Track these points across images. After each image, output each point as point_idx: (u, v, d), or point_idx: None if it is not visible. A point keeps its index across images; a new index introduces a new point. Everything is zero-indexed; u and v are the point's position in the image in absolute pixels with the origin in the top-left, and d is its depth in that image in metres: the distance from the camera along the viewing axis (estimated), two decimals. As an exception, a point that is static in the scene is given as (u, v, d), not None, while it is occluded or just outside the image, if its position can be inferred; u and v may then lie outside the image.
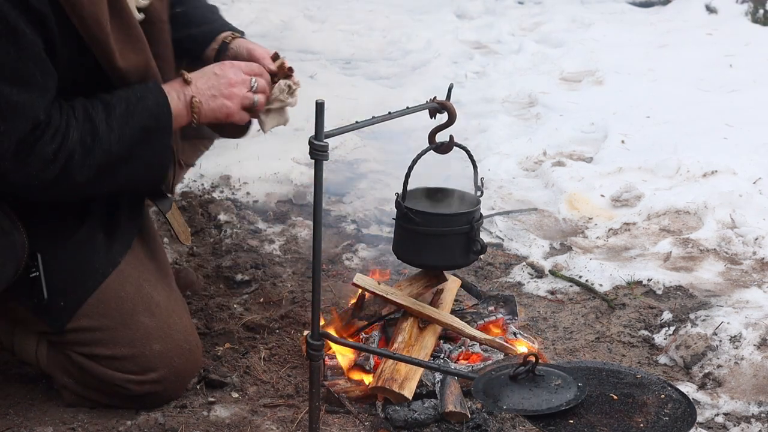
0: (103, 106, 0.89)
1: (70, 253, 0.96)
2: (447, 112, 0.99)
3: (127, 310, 0.99)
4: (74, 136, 0.85)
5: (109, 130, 0.87)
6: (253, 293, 1.34)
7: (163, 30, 0.99)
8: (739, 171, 1.77)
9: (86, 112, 0.87)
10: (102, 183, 0.89)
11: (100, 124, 0.87)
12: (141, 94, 0.91)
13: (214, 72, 0.95)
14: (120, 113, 0.88)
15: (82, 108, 0.88)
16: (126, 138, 0.88)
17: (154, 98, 0.91)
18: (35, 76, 0.83)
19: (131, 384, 0.99)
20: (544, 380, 0.87)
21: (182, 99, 0.93)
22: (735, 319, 1.25)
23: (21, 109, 0.82)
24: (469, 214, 1.07)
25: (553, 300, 1.36)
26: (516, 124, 2.21)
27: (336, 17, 3.40)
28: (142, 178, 0.93)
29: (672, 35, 3.09)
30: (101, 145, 0.87)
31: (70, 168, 0.86)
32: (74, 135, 0.85)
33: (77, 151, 0.85)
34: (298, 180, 1.74)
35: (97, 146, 0.86)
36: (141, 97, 0.90)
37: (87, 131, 0.86)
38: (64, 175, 0.86)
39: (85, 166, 0.86)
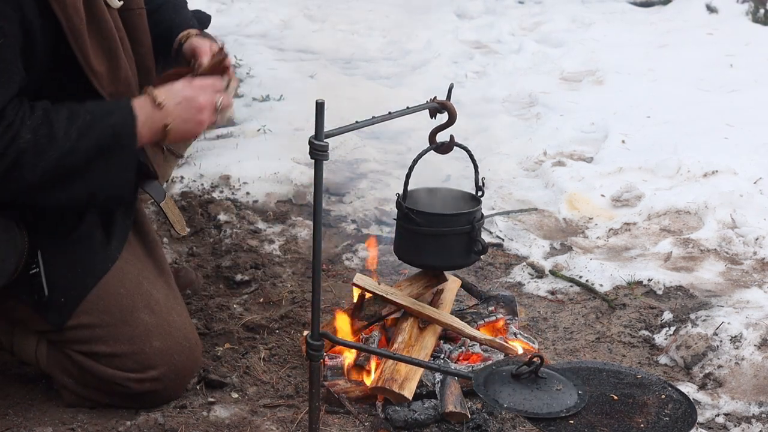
0: (67, 114, 0.87)
1: (70, 249, 0.96)
2: (447, 111, 0.99)
3: (126, 306, 0.98)
4: (26, 135, 0.83)
5: (66, 138, 0.85)
6: (253, 293, 1.34)
7: (141, 16, 0.98)
8: (739, 171, 1.77)
9: (46, 115, 0.86)
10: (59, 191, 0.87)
11: (59, 130, 0.85)
12: (109, 109, 0.89)
13: (185, 96, 0.93)
14: (81, 124, 0.86)
15: (43, 110, 0.86)
16: (81, 150, 0.86)
17: (121, 117, 0.89)
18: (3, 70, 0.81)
19: (131, 382, 0.99)
20: (546, 383, 0.87)
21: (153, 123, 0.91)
22: (735, 319, 1.25)
23: None
24: (470, 214, 1.07)
25: (553, 300, 1.36)
26: (516, 124, 2.21)
27: (336, 17, 3.40)
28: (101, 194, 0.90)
29: (672, 35, 3.08)
30: (55, 151, 0.85)
31: (20, 166, 0.83)
32: (26, 134, 0.83)
33: (28, 151, 0.83)
34: (298, 180, 1.73)
35: (51, 151, 0.84)
36: (107, 113, 0.88)
37: (43, 134, 0.84)
38: (15, 172, 0.83)
39: (37, 167, 0.84)
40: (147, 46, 1.00)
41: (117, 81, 0.93)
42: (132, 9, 0.97)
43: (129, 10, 0.96)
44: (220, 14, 3.12)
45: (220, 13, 3.13)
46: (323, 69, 2.66)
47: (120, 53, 0.93)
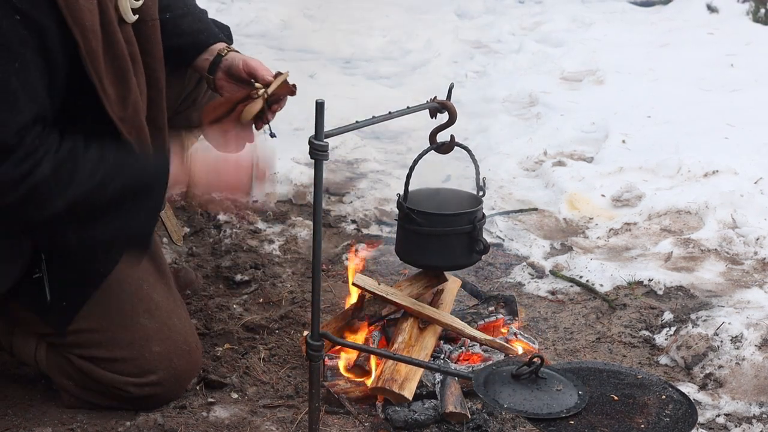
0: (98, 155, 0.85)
1: (72, 254, 0.95)
2: (447, 111, 0.98)
3: (126, 311, 0.99)
4: (45, 171, 0.81)
5: (90, 180, 0.83)
6: (253, 293, 1.33)
7: (154, 27, 0.97)
8: (740, 171, 1.77)
9: (73, 150, 0.83)
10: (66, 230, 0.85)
11: (83, 171, 0.83)
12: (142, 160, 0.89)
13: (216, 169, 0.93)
14: (110, 170, 0.85)
15: (71, 144, 0.84)
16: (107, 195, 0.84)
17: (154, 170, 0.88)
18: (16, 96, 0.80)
19: (131, 386, 0.99)
20: (546, 383, 0.87)
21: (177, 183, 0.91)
22: (736, 319, 1.25)
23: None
24: (471, 214, 1.06)
25: (553, 300, 1.36)
26: (516, 124, 2.20)
27: (336, 16, 3.39)
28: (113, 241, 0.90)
29: (673, 35, 3.08)
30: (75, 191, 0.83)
31: (36, 200, 0.82)
32: (45, 170, 0.81)
33: (44, 186, 0.82)
34: (298, 180, 1.73)
35: (72, 189, 0.83)
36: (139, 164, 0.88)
37: (65, 170, 0.82)
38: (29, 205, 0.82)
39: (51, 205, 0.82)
40: (158, 58, 0.98)
41: (126, 105, 0.91)
42: (145, 20, 0.95)
43: (142, 21, 0.95)
44: (220, 14, 3.11)
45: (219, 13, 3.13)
46: (323, 69, 2.66)
47: (130, 75, 0.91)
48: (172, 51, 1.03)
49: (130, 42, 0.94)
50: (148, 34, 0.96)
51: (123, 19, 0.92)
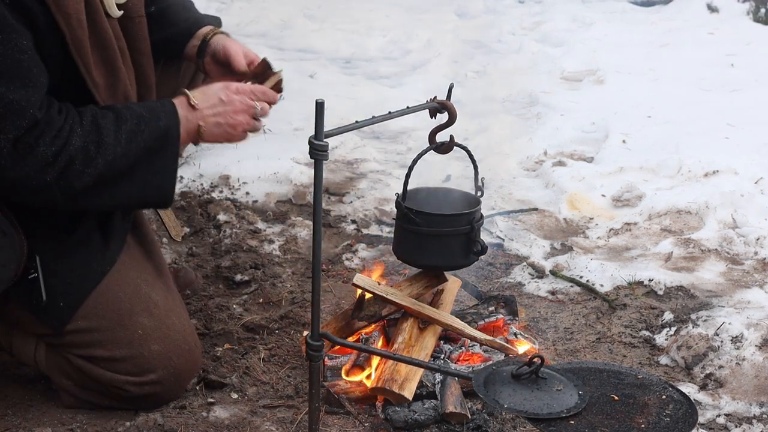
0: (114, 117, 0.88)
1: (68, 254, 0.96)
2: (447, 111, 0.98)
3: (125, 310, 0.98)
4: (76, 143, 0.84)
5: (116, 143, 0.86)
6: (253, 293, 1.33)
7: (141, 24, 0.98)
8: (740, 171, 1.77)
9: (94, 121, 0.86)
10: (100, 196, 0.88)
11: (108, 135, 0.86)
12: (155, 112, 0.90)
13: (220, 98, 0.94)
14: (130, 128, 0.87)
15: (91, 116, 0.87)
16: (131, 154, 0.87)
17: (165, 120, 0.90)
18: (30, 71, 0.82)
19: (130, 385, 0.99)
20: (547, 383, 0.87)
21: (188, 125, 0.92)
22: (736, 319, 1.25)
23: (16, 106, 0.81)
24: (469, 215, 1.06)
25: (553, 300, 1.36)
26: (516, 124, 2.20)
27: (336, 16, 3.39)
28: (139, 198, 0.91)
29: (673, 34, 3.08)
30: (105, 156, 0.85)
31: (69, 174, 0.84)
32: (76, 141, 0.84)
33: (78, 158, 0.84)
34: (298, 180, 1.73)
35: (101, 156, 0.85)
36: (153, 117, 0.90)
37: (92, 140, 0.85)
38: (62, 180, 0.85)
39: (85, 174, 0.85)
40: (147, 55, 0.99)
41: (116, 94, 0.92)
42: (132, 17, 0.96)
43: (129, 18, 0.96)
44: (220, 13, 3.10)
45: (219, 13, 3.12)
46: (323, 69, 2.66)
47: (119, 65, 0.93)
48: (161, 43, 1.03)
49: (118, 37, 0.94)
50: (135, 30, 0.97)
51: (108, 14, 0.92)
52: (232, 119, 0.94)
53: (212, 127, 0.93)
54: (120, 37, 0.94)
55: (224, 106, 0.94)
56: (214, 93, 0.94)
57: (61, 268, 0.95)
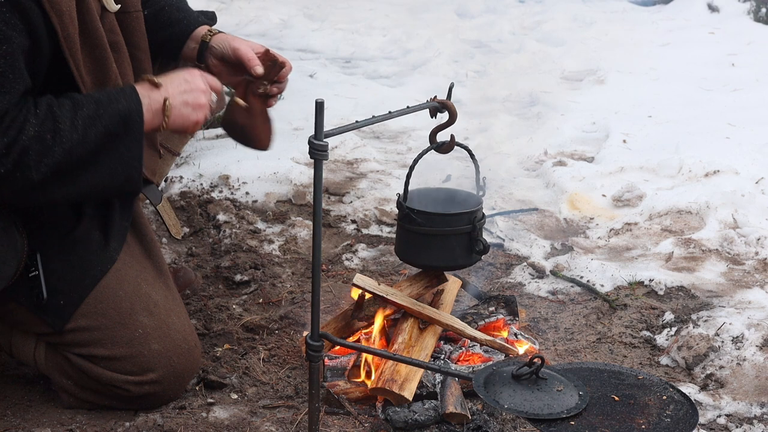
0: (71, 105, 0.85)
1: (69, 252, 0.95)
2: (448, 111, 0.98)
3: (125, 309, 0.98)
4: (30, 131, 0.81)
5: (73, 130, 0.83)
6: (253, 294, 1.33)
7: (138, 19, 0.97)
8: (741, 171, 1.76)
9: (50, 109, 0.83)
10: (62, 186, 0.85)
11: (64, 122, 0.83)
12: (114, 97, 0.87)
13: (185, 78, 0.93)
14: (87, 114, 0.84)
15: (46, 105, 0.84)
16: (90, 140, 0.84)
17: (126, 103, 0.87)
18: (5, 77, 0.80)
19: (130, 385, 0.98)
20: (547, 384, 0.87)
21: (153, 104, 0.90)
22: (737, 319, 1.24)
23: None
24: (471, 214, 1.06)
25: (554, 300, 1.36)
26: (517, 124, 2.20)
27: (336, 16, 3.39)
28: (106, 187, 0.88)
29: (674, 34, 3.08)
30: (62, 145, 0.82)
31: (25, 164, 0.81)
32: (30, 130, 0.81)
33: (33, 148, 0.81)
34: (298, 180, 1.72)
35: (57, 145, 0.82)
36: (113, 100, 0.87)
37: (47, 128, 0.82)
38: (19, 171, 0.81)
39: (42, 164, 0.82)
40: (143, 49, 0.99)
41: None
42: (129, 12, 0.96)
43: (126, 12, 0.95)
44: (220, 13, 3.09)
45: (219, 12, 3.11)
46: (323, 68, 2.66)
47: (110, 64, 0.92)
48: (157, 46, 1.02)
49: (114, 31, 0.93)
50: (132, 25, 0.96)
51: (105, 8, 0.91)
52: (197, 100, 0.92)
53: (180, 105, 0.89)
54: (116, 31, 0.94)
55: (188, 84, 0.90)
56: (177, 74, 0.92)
57: (62, 267, 0.95)
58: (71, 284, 0.96)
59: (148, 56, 1.00)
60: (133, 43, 0.96)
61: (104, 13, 0.92)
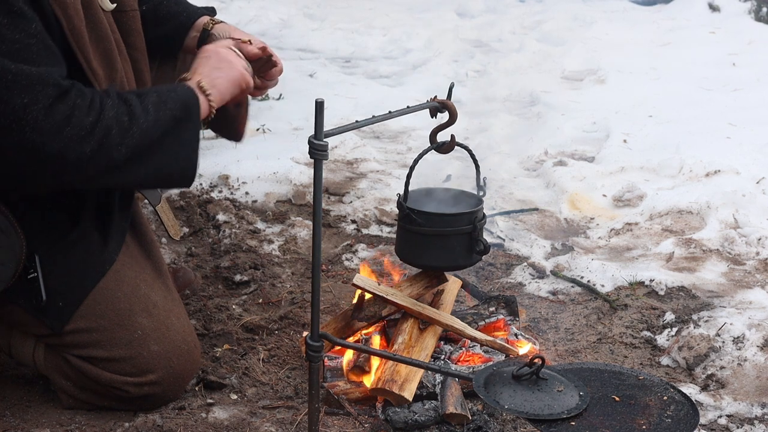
0: (135, 94, 0.89)
1: (67, 253, 0.95)
2: (448, 111, 0.98)
3: (124, 310, 0.98)
4: (110, 113, 0.84)
5: (146, 113, 0.86)
6: (252, 294, 1.33)
7: (134, 18, 0.98)
8: (742, 171, 1.76)
9: (119, 95, 0.87)
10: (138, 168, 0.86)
11: (135, 106, 0.86)
12: (170, 88, 0.91)
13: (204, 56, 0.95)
14: (154, 100, 0.88)
15: (115, 92, 0.88)
16: (161, 122, 0.87)
17: (183, 92, 0.91)
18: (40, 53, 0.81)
19: (129, 386, 0.98)
20: (547, 384, 0.87)
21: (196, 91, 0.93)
22: (738, 320, 1.24)
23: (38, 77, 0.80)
24: (471, 214, 1.06)
25: (554, 301, 1.35)
26: (517, 124, 2.20)
27: (335, 15, 3.39)
28: (168, 171, 0.90)
29: (675, 33, 3.09)
30: (138, 125, 0.85)
31: (108, 144, 0.83)
32: (110, 112, 0.84)
33: (114, 128, 0.83)
34: (298, 180, 1.71)
35: (135, 126, 0.85)
36: (170, 90, 0.91)
37: (123, 111, 0.85)
38: (102, 151, 0.83)
39: (122, 145, 0.84)
40: (140, 48, 0.99)
41: (114, 84, 0.92)
42: (125, 11, 0.96)
43: (122, 12, 0.96)
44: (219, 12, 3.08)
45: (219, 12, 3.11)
46: (323, 68, 2.66)
47: (116, 55, 0.93)
48: (158, 40, 1.02)
49: (112, 30, 0.94)
50: (129, 24, 0.96)
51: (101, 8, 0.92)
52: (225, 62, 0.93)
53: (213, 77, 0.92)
54: (114, 30, 0.94)
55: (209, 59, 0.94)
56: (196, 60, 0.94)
57: (60, 268, 0.95)
58: (70, 286, 0.96)
59: (144, 56, 1.00)
60: (130, 43, 0.97)
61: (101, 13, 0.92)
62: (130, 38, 0.97)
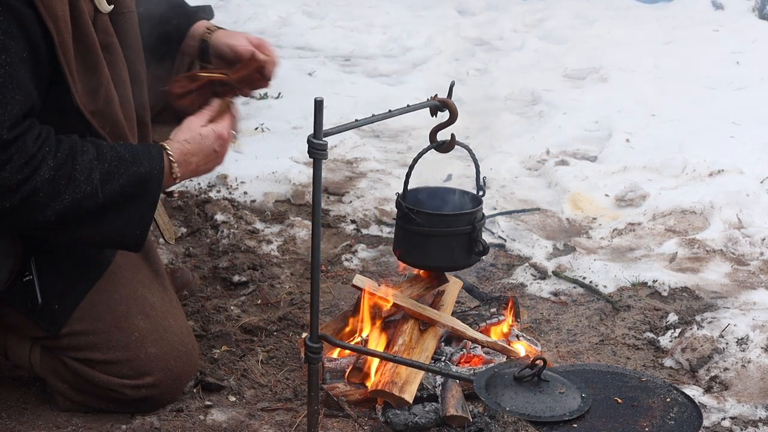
0: (95, 154, 0.85)
1: (63, 255, 0.94)
2: (448, 110, 0.97)
3: (121, 312, 0.97)
4: (45, 174, 0.82)
5: (88, 182, 0.84)
6: (251, 295, 1.32)
7: (131, 20, 0.97)
8: (746, 170, 1.75)
9: (71, 154, 0.84)
10: (62, 231, 0.86)
11: (81, 171, 0.83)
12: (138, 157, 0.88)
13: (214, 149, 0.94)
14: (107, 169, 0.85)
15: (69, 148, 0.84)
16: (102, 196, 0.85)
17: (149, 166, 0.88)
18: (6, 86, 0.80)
19: (126, 389, 0.97)
20: (549, 386, 0.86)
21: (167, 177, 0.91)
22: (742, 321, 1.23)
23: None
24: (471, 215, 1.05)
25: (556, 302, 1.35)
26: (518, 123, 2.19)
27: (335, 13, 3.38)
28: (103, 241, 0.89)
29: (678, 32, 3.07)
30: (73, 194, 0.83)
31: (32, 204, 0.82)
32: (45, 173, 0.82)
33: (43, 190, 0.82)
34: (297, 179, 1.71)
35: (69, 192, 0.83)
36: (136, 161, 0.88)
37: (63, 174, 0.83)
38: (25, 208, 0.82)
39: (48, 207, 0.82)
40: (137, 50, 0.98)
41: (97, 98, 0.90)
42: (122, 12, 0.95)
43: (119, 13, 0.95)
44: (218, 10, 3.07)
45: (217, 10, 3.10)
46: (322, 66, 2.65)
47: (102, 68, 0.91)
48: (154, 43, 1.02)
49: (108, 32, 0.92)
50: (126, 26, 0.95)
51: (98, 9, 0.90)
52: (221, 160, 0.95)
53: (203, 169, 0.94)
54: (111, 33, 0.93)
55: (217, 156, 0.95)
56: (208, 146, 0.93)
57: (56, 271, 0.94)
58: (66, 288, 0.95)
59: (141, 58, 0.99)
60: (127, 44, 0.96)
61: (97, 15, 0.90)
62: (127, 40, 0.95)
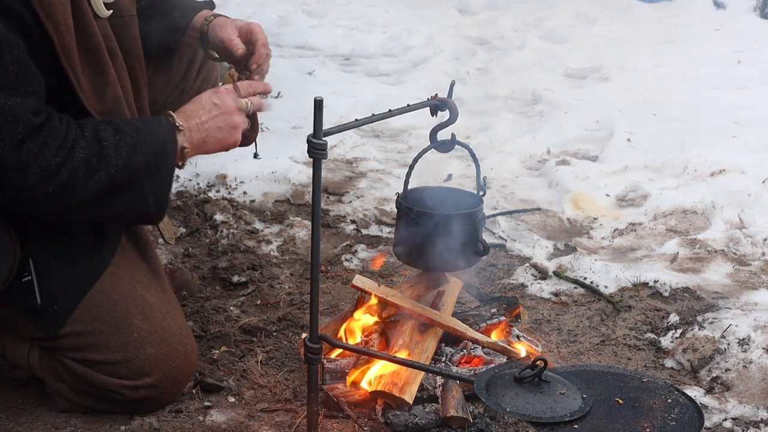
0: (113, 130, 0.87)
1: (62, 256, 0.94)
2: (448, 109, 0.97)
3: (120, 313, 0.97)
4: (79, 155, 0.84)
5: (117, 156, 0.86)
6: (250, 295, 1.32)
7: (131, 24, 0.97)
8: (747, 170, 1.75)
9: (96, 134, 0.86)
10: (98, 209, 0.87)
11: (109, 147, 0.85)
12: (152, 127, 0.90)
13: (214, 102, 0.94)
14: (129, 141, 0.87)
15: (92, 129, 0.86)
16: (132, 167, 0.87)
17: (163, 135, 0.90)
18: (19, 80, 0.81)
19: (125, 389, 0.97)
20: (550, 386, 0.86)
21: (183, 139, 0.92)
22: (743, 321, 1.23)
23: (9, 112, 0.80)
24: (471, 215, 1.05)
25: (557, 302, 1.34)
26: (519, 122, 2.18)
27: (335, 12, 3.37)
28: (135, 212, 0.91)
29: (679, 31, 3.06)
30: (107, 169, 0.85)
31: (72, 186, 0.84)
32: (79, 153, 0.84)
33: (81, 170, 0.84)
34: (296, 179, 1.70)
35: (103, 169, 0.85)
36: (151, 131, 0.89)
37: (94, 153, 0.85)
38: (64, 191, 0.84)
39: (87, 187, 0.84)
40: (136, 55, 0.98)
41: (104, 99, 0.91)
42: (122, 16, 0.95)
43: (119, 17, 0.95)
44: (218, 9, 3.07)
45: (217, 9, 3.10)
46: (322, 66, 2.65)
47: (108, 68, 0.92)
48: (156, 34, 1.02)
49: (108, 36, 0.93)
50: (125, 30, 0.96)
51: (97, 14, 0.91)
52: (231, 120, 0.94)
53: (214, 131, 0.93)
54: (111, 37, 0.93)
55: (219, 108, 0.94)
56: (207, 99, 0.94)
57: (55, 271, 0.94)
58: (65, 289, 0.95)
59: (141, 61, 0.99)
60: (126, 49, 0.96)
61: (96, 20, 0.91)
62: (127, 44, 0.96)
